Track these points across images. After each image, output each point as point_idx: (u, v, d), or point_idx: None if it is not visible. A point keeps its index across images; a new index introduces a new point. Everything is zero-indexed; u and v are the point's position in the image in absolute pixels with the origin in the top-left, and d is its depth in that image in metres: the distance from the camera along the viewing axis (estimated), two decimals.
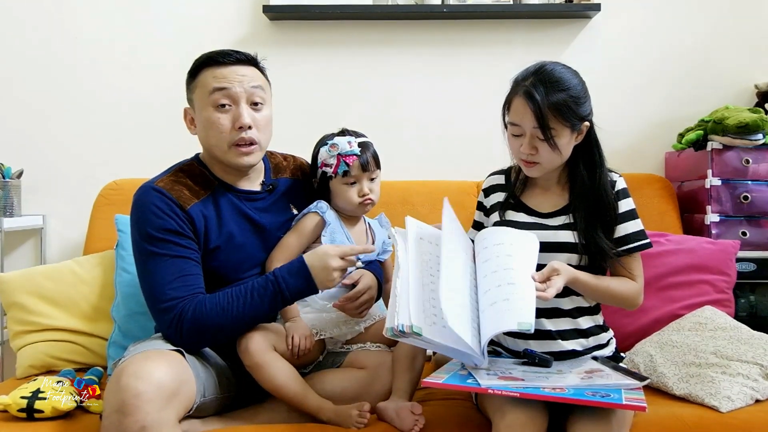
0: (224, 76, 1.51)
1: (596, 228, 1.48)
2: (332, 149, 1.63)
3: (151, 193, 1.50)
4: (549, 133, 1.41)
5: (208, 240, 1.52)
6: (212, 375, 1.48)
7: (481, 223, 1.64)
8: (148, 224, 1.47)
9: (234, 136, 1.51)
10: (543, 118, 1.40)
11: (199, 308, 1.42)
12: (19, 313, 1.92)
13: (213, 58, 1.52)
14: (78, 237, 2.36)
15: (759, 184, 2.13)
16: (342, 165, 1.61)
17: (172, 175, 1.55)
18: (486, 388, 1.25)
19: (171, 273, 1.44)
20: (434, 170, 2.39)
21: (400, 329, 1.24)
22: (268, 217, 1.62)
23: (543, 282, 1.34)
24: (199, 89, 1.52)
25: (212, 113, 1.51)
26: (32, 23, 2.44)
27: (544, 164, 1.47)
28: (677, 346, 1.70)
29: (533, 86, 1.42)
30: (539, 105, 1.40)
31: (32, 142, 2.44)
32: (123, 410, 1.20)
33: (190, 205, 1.50)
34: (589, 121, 1.48)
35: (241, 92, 1.51)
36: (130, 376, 1.22)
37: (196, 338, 1.43)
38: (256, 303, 1.44)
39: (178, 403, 1.28)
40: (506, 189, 1.61)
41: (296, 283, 1.45)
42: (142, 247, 1.48)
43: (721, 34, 2.43)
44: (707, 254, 1.96)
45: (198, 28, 2.43)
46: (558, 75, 1.44)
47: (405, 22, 2.44)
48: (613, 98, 2.40)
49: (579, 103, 1.44)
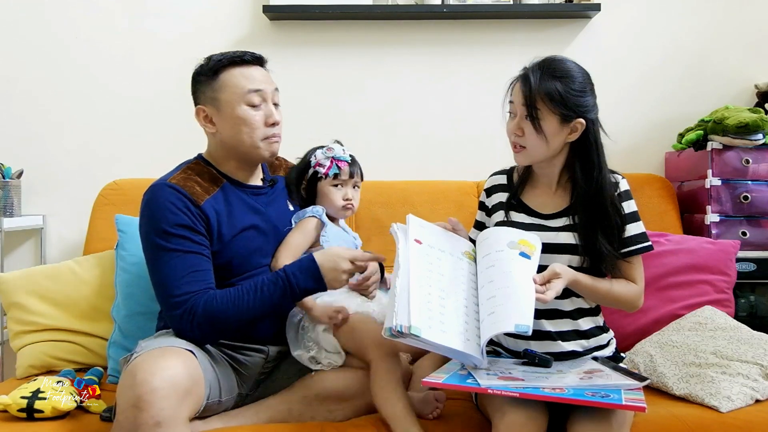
0: (254, 77, 1.58)
1: (596, 231, 1.47)
2: (328, 152, 1.75)
3: (165, 189, 1.52)
4: (534, 113, 1.43)
5: (221, 234, 1.55)
6: (218, 377, 1.49)
7: (483, 223, 1.64)
8: (162, 220, 1.49)
9: (267, 132, 1.59)
10: (531, 97, 1.43)
11: (210, 302, 1.44)
12: (19, 313, 1.92)
13: (239, 58, 1.58)
14: (78, 237, 2.35)
15: (759, 184, 2.13)
16: (334, 167, 1.72)
17: (182, 172, 1.58)
18: (486, 388, 1.25)
19: (184, 268, 1.46)
20: (434, 170, 2.39)
21: (399, 330, 1.24)
22: (272, 210, 1.68)
23: (543, 284, 1.35)
24: (230, 88, 1.57)
25: (247, 111, 1.57)
26: (32, 23, 2.44)
27: (529, 150, 1.48)
28: (677, 346, 1.70)
29: (532, 70, 1.46)
30: (531, 86, 1.44)
31: (32, 142, 2.44)
32: (139, 405, 1.21)
33: (203, 201, 1.53)
34: (586, 120, 1.46)
35: (270, 93, 1.60)
36: (146, 372, 1.24)
37: (208, 330, 1.45)
38: (266, 298, 1.46)
39: (191, 401, 1.30)
40: (508, 189, 1.61)
41: (306, 280, 1.48)
42: (156, 243, 1.49)
43: (720, 33, 2.43)
44: (707, 254, 1.96)
45: (198, 28, 2.43)
46: (561, 66, 1.46)
47: (405, 22, 2.44)
48: (613, 98, 2.39)
49: (573, 95, 1.44)
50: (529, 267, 1.37)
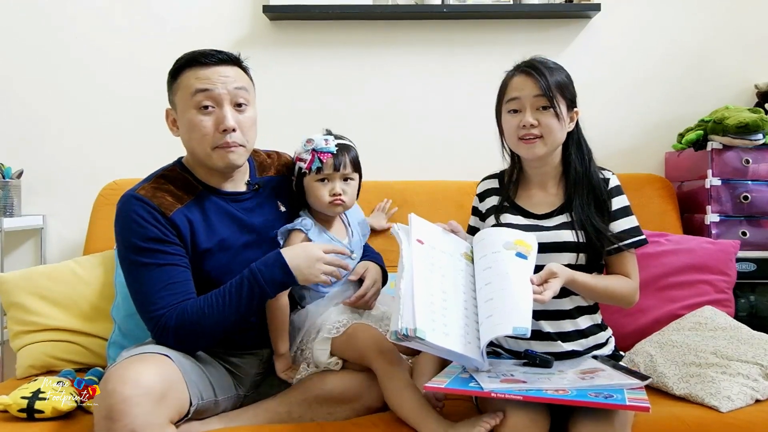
0: (207, 77, 1.47)
1: (591, 211, 1.50)
2: (308, 144, 1.62)
3: (132, 201, 1.47)
4: (555, 101, 1.47)
5: (196, 244, 1.50)
6: (207, 378, 1.47)
7: (477, 228, 1.64)
8: (131, 234, 1.45)
9: (218, 139, 1.48)
10: (548, 86, 1.47)
11: (181, 315, 1.41)
12: (19, 313, 1.92)
13: (195, 59, 1.48)
14: (78, 237, 2.35)
15: (759, 184, 2.13)
16: (316, 161, 1.59)
17: (154, 182, 1.53)
18: (489, 392, 1.24)
19: (158, 282, 1.43)
20: (434, 170, 2.39)
21: (404, 333, 1.23)
22: (256, 216, 1.60)
23: (540, 285, 1.35)
24: (181, 91, 1.49)
25: (195, 115, 1.47)
26: (32, 23, 2.43)
27: (546, 137, 1.49)
28: (677, 346, 1.70)
29: (531, 65, 1.50)
30: (542, 73, 1.48)
31: (32, 142, 2.44)
32: (111, 416, 1.20)
33: (172, 212, 1.48)
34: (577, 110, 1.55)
35: (224, 93, 1.47)
36: (117, 381, 1.22)
37: (185, 342, 1.43)
38: (234, 301, 1.42)
39: (168, 405, 1.27)
40: (500, 193, 1.62)
41: (272, 273, 1.44)
42: (128, 258, 1.46)
43: (720, 34, 2.43)
44: (707, 254, 1.96)
45: (198, 28, 2.43)
46: (550, 62, 1.54)
47: (405, 22, 2.44)
48: (613, 98, 2.40)
49: (571, 85, 1.53)
50: (526, 268, 1.36)
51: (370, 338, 1.51)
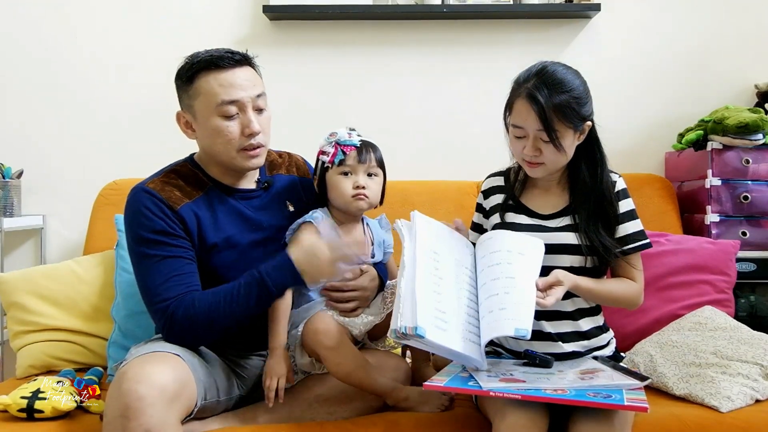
0: (230, 83, 1.48)
1: (598, 227, 1.48)
2: (330, 137, 1.60)
3: (141, 194, 1.50)
4: (554, 135, 1.41)
5: (203, 239, 1.52)
6: (213, 378, 1.48)
7: (480, 225, 1.64)
8: (139, 226, 1.48)
9: (243, 142, 1.51)
10: (547, 120, 1.39)
11: (189, 307, 1.42)
12: (19, 313, 1.92)
13: (212, 62, 1.49)
14: (78, 237, 2.35)
15: (759, 184, 2.13)
16: (339, 153, 1.56)
17: (164, 176, 1.56)
18: (488, 391, 1.24)
19: (164, 274, 1.44)
20: (434, 170, 2.39)
21: (403, 331, 1.23)
22: (264, 214, 1.61)
23: (544, 290, 1.35)
24: (203, 96, 1.49)
25: (220, 122, 1.49)
26: (31, 23, 2.43)
27: (548, 165, 1.47)
28: (677, 346, 1.70)
29: (536, 88, 1.41)
30: (543, 107, 1.39)
31: (32, 142, 2.44)
32: (126, 414, 1.20)
33: (180, 206, 1.50)
34: (591, 121, 1.48)
35: (248, 101, 1.50)
36: (132, 380, 1.23)
37: (189, 336, 1.44)
38: (242, 301, 1.43)
39: (180, 405, 1.29)
40: (505, 190, 1.60)
41: (280, 277, 1.45)
42: (136, 249, 1.49)
43: (721, 34, 2.43)
44: (707, 254, 1.96)
45: (198, 28, 2.43)
46: (560, 76, 1.43)
47: (405, 22, 2.44)
48: (613, 98, 2.40)
49: (581, 103, 1.43)
50: (532, 270, 1.36)
51: (309, 329, 1.50)
